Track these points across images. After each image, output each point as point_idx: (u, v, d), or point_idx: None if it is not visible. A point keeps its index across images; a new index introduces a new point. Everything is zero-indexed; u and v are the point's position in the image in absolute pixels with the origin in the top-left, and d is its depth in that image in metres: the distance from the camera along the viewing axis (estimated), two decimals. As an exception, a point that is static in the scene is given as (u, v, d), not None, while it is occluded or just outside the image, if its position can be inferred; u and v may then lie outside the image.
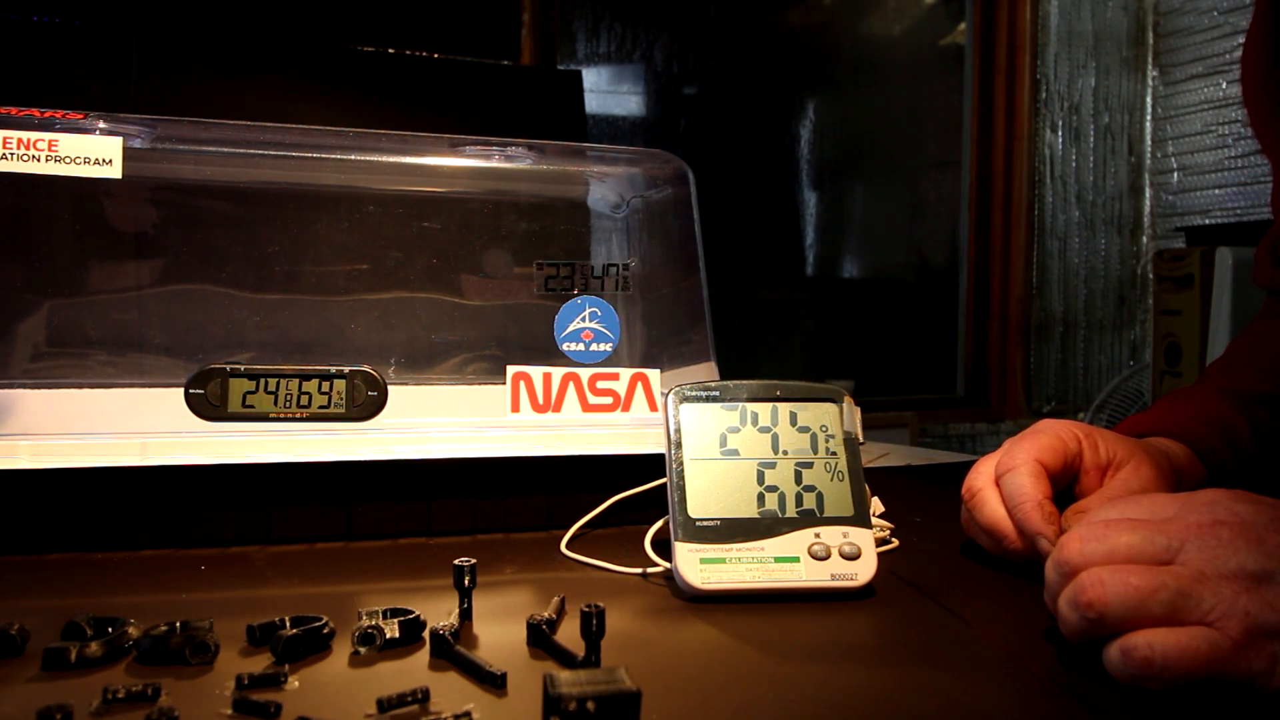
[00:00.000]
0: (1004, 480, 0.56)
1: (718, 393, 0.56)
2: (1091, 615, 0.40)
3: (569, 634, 0.45)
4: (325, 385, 0.62)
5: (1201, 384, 0.74)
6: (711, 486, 0.53)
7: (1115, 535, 0.41)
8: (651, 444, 0.64)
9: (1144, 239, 2.82)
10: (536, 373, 0.65)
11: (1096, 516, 0.44)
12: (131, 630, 0.43)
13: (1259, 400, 0.71)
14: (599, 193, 0.80)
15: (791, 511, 0.53)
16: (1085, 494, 0.59)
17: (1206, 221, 2.56)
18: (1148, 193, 2.79)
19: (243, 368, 0.61)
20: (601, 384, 0.66)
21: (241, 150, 0.72)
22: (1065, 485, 0.59)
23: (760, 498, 0.54)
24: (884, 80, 2.73)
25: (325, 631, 0.43)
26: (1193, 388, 0.74)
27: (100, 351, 0.69)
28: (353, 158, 0.74)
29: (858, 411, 0.57)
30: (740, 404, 0.56)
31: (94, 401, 0.66)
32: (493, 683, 0.39)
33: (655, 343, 0.75)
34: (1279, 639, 0.37)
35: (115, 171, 0.62)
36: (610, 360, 0.68)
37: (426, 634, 0.44)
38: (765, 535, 0.52)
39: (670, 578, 0.53)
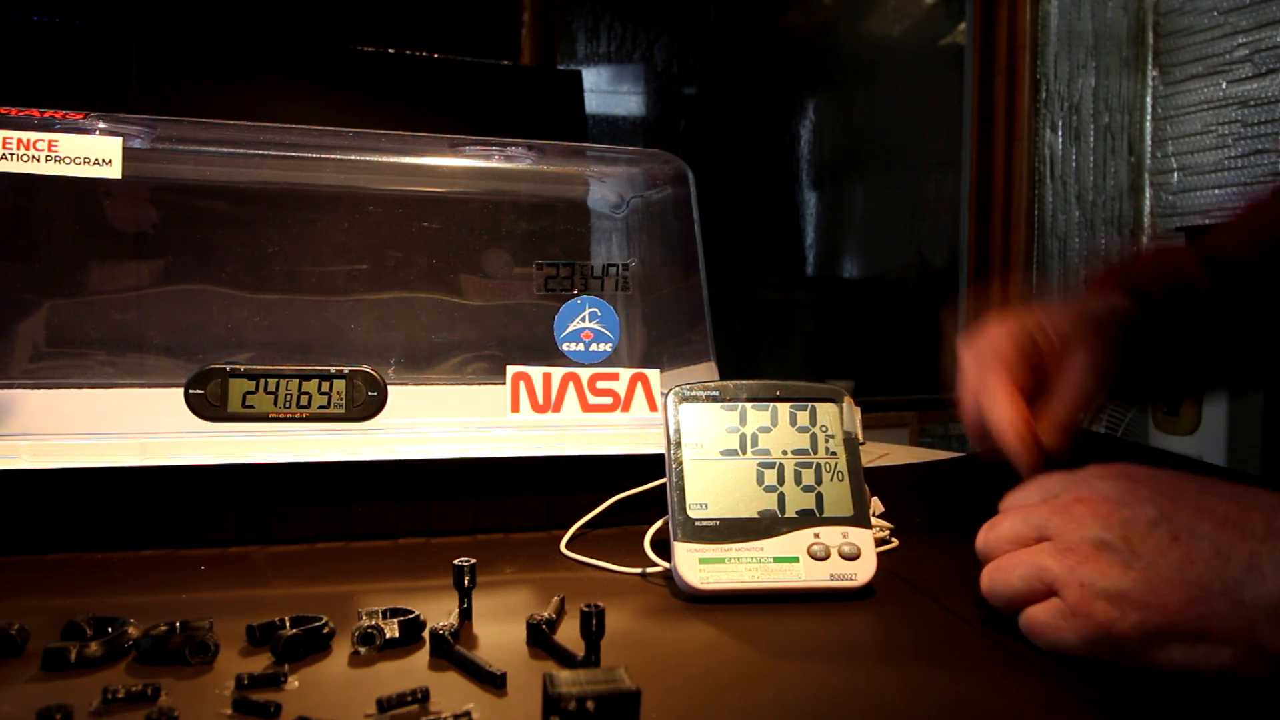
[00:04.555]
0: (987, 413, 0.60)
1: (717, 393, 0.56)
2: (994, 604, 0.46)
3: (569, 634, 0.45)
4: (325, 385, 0.62)
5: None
6: (711, 486, 0.53)
7: (1000, 524, 0.47)
8: (651, 444, 0.64)
9: (1144, 239, 2.82)
10: (536, 373, 0.65)
11: (1002, 505, 0.49)
12: (131, 630, 0.43)
13: (1232, 265, 0.73)
14: (599, 193, 0.80)
15: (791, 511, 0.53)
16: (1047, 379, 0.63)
17: (1206, 221, 2.56)
18: (1148, 193, 2.79)
19: (243, 368, 0.61)
20: (601, 384, 0.66)
21: (241, 150, 0.72)
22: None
23: (760, 498, 0.53)
24: (884, 80, 2.73)
25: (325, 631, 0.43)
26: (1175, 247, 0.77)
27: (100, 351, 0.69)
28: (353, 158, 0.74)
29: (858, 411, 0.57)
30: (740, 404, 0.56)
31: (94, 401, 0.65)
32: (493, 683, 0.39)
33: (655, 343, 0.75)
34: (1106, 599, 0.41)
35: (115, 171, 0.62)
36: (610, 360, 0.68)
37: (426, 634, 0.44)
38: (764, 535, 0.52)
39: (670, 578, 0.53)
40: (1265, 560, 0.39)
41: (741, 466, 0.54)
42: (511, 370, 0.65)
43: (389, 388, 0.63)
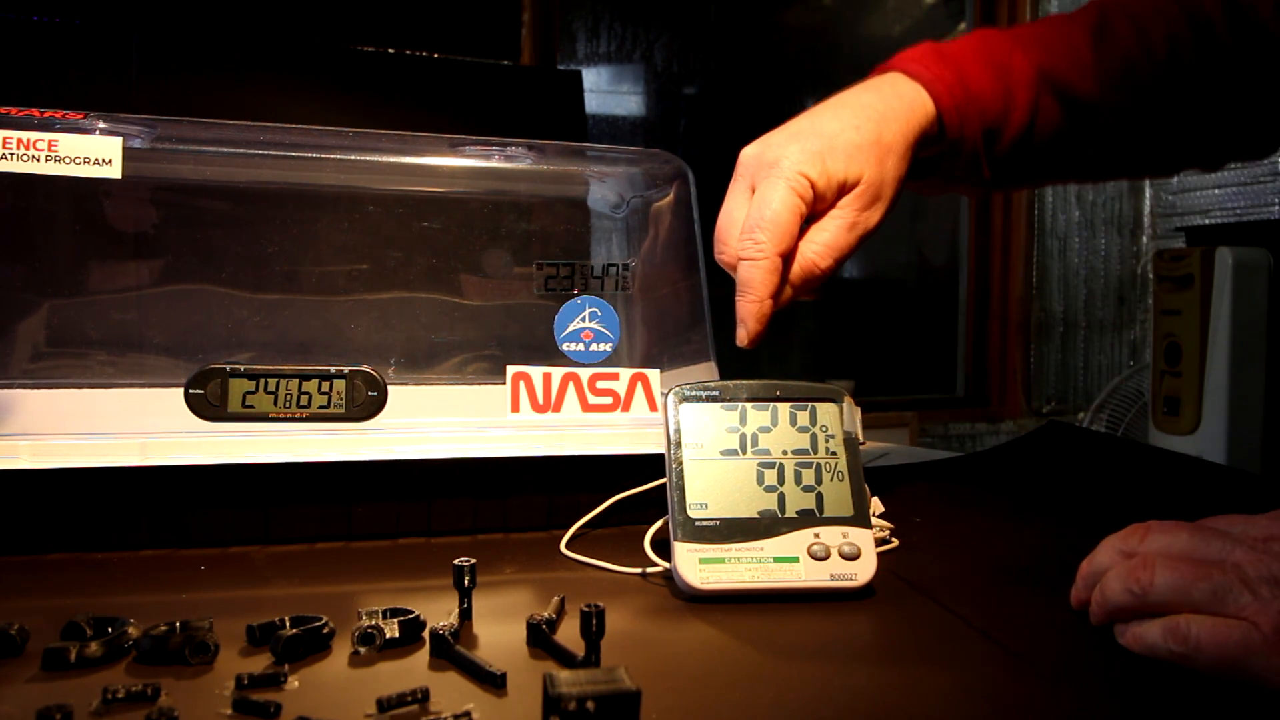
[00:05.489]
0: (740, 266, 0.65)
1: (717, 393, 0.56)
2: (1137, 591, 0.43)
3: (569, 634, 0.45)
4: (325, 385, 0.62)
5: (1027, 51, 0.74)
6: (711, 486, 0.53)
7: (1178, 533, 0.44)
8: (651, 444, 0.64)
9: (1144, 239, 2.82)
10: (536, 373, 0.65)
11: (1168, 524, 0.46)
12: (131, 630, 0.43)
13: (1080, 105, 0.73)
14: (599, 193, 0.80)
15: (791, 511, 0.53)
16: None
17: (1206, 221, 2.56)
18: (1147, 193, 2.79)
19: (243, 368, 0.61)
20: (601, 384, 0.66)
21: (241, 150, 0.72)
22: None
23: (760, 498, 0.53)
24: (884, 80, 2.72)
25: (325, 631, 0.43)
26: (1021, 53, 0.73)
27: (100, 351, 0.69)
28: (353, 158, 0.74)
29: (858, 411, 0.57)
30: (740, 404, 0.56)
31: (94, 401, 0.66)
32: (493, 683, 0.39)
33: (655, 343, 0.75)
34: None
35: (115, 171, 0.62)
36: (610, 360, 0.68)
37: (426, 634, 0.44)
38: (765, 535, 0.52)
39: (670, 578, 0.53)
40: None
41: (741, 466, 0.54)
42: (511, 370, 0.65)
43: (389, 388, 0.63)
